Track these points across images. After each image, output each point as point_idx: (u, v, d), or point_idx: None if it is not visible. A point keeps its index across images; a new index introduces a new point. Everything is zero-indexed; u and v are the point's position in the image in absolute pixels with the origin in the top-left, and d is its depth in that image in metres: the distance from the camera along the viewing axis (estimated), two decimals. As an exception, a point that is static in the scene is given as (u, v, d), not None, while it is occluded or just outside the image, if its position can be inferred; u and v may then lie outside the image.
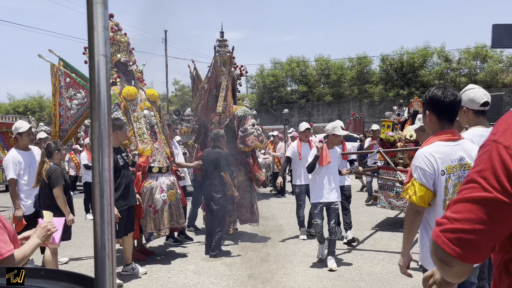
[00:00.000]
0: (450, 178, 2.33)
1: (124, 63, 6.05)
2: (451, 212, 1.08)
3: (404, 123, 8.61)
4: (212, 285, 4.73)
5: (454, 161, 2.35)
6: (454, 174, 2.34)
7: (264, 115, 28.66)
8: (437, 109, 2.36)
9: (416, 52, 26.29)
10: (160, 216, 5.69)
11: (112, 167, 0.86)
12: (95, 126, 0.83)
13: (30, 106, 35.01)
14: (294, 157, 6.72)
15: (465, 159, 2.37)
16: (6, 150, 8.75)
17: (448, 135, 2.37)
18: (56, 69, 5.90)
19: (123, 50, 6.13)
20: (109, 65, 0.85)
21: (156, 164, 5.80)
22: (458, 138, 2.40)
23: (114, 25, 6.14)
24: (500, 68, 24.85)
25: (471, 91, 2.94)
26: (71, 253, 6.18)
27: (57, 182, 4.64)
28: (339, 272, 5.04)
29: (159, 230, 5.70)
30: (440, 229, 1.09)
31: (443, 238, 1.07)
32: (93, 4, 0.82)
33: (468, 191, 1.06)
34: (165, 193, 5.74)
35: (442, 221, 1.10)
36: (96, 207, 0.84)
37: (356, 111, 24.91)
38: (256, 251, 6.08)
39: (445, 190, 2.32)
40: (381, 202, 7.12)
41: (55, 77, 5.85)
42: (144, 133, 5.83)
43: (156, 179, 5.75)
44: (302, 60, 29.99)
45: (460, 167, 2.36)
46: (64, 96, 5.84)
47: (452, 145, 2.37)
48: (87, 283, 1.18)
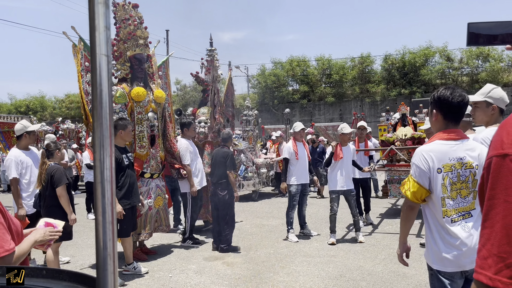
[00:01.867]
0: (447, 176, 2.35)
1: (139, 59, 5.89)
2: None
3: (395, 125, 9.61)
4: (213, 285, 4.73)
5: (453, 160, 2.36)
6: (452, 172, 2.35)
7: (265, 114, 28.65)
8: (444, 109, 2.39)
9: (418, 52, 26.26)
10: (142, 221, 5.70)
11: (114, 166, 0.86)
12: (97, 125, 0.83)
13: (32, 106, 35.09)
14: (291, 157, 6.70)
15: (466, 158, 2.36)
16: (8, 150, 8.76)
17: (450, 134, 2.39)
18: (77, 50, 5.68)
19: (141, 45, 5.92)
20: (110, 64, 0.85)
21: (149, 170, 5.82)
22: (461, 138, 2.39)
23: (137, 17, 5.93)
24: (502, 67, 24.80)
25: (498, 89, 2.91)
26: (73, 253, 6.20)
27: (60, 181, 4.64)
28: (341, 272, 5.04)
29: (139, 234, 5.70)
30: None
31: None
32: (94, 4, 0.82)
33: None
34: (152, 200, 5.78)
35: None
36: (97, 207, 0.84)
37: (358, 110, 24.87)
38: (258, 251, 6.08)
39: (443, 187, 2.35)
40: (392, 193, 8.21)
41: (76, 58, 5.71)
42: (144, 136, 5.81)
43: (145, 185, 5.77)
44: (303, 60, 29.97)
45: (460, 165, 2.35)
46: (84, 80, 5.65)
47: (452, 144, 2.38)
48: (89, 283, 1.18)
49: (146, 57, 6.03)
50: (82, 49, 5.69)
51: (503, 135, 1.00)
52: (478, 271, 0.96)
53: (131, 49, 5.87)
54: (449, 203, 2.35)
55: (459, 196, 2.36)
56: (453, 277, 2.35)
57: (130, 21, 5.86)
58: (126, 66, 5.87)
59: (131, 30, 5.86)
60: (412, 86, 25.82)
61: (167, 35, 27.84)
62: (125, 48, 5.87)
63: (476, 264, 0.99)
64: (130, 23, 5.86)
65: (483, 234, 0.99)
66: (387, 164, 8.42)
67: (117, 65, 5.88)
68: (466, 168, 2.36)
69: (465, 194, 2.36)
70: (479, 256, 0.98)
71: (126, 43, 5.86)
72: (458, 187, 2.36)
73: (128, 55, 5.88)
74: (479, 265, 0.97)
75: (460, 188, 2.37)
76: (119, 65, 5.88)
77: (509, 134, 0.98)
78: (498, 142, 1.01)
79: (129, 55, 5.88)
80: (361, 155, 7.98)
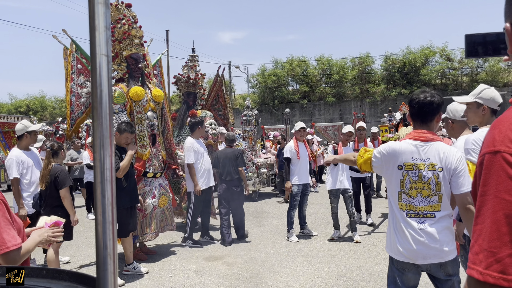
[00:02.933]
0: (407, 174, 2.49)
1: (135, 59, 5.89)
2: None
3: (397, 126, 9.44)
4: (213, 285, 4.73)
5: (416, 160, 2.48)
6: (413, 171, 2.48)
7: (265, 114, 28.65)
8: (410, 109, 2.60)
9: (419, 52, 26.26)
10: (147, 221, 5.70)
11: (114, 167, 0.86)
12: (97, 125, 0.83)
13: (32, 106, 35.06)
14: (293, 157, 6.69)
15: (429, 160, 2.47)
16: (8, 150, 8.75)
17: (418, 134, 2.52)
18: (69, 52, 5.68)
19: (136, 45, 5.92)
20: (110, 64, 0.85)
21: (152, 169, 5.80)
22: (429, 140, 2.49)
23: (131, 17, 5.92)
24: (501, 67, 24.79)
25: (490, 90, 2.92)
26: (73, 253, 6.19)
27: (64, 182, 4.63)
28: (341, 272, 5.04)
29: (144, 234, 5.70)
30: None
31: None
32: (94, 4, 0.82)
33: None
34: (156, 199, 5.76)
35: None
36: (97, 207, 0.84)
37: (358, 110, 24.87)
38: (258, 251, 6.08)
39: (401, 183, 2.51)
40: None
41: (67, 61, 5.65)
42: (145, 136, 5.79)
43: (149, 184, 5.76)
44: (303, 60, 29.97)
45: (423, 166, 2.47)
46: (75, 83, 5.65)
47: (418, 144, 2.50)
48: (89, 283, 1.18)
49: (142, 57, 6.02)
50: (74, 52, 5.70)
51: (495, 133, 1.02)
52: (471, 267, 0.98)
53: (127, 48, 5.86)
54: (405, 198, 2.49)
55: (419, 195, 2.47)
56: (404, 268, 2.52)
57: (124, 20, 5.85)
58: (122, 66, 5.87)
59: (126, 30, 5.85)
60: (412, 86, 25.80)
61: (167, 35, 27.77)
62: (121, 48, 5.86)
63: (469, 259, 1.01)
64: (125, 22, 5.84)
65: (475, 230, 1.00)
66: None
67: (114, 66, 5.86)
68: (429, 170, 2.46)
69: (427, 195, 2.46)
70: (472, 252, 1.00)
71: (122, 43, 5.85)
72: (419, 187, 2.47)
73: (124, 55, 5.87)
74: (471, 261, 0.99)
75: (422, 187, 2.47)
76: (115, 65, 5.87)
77: (501, 132, 0.99)
78: (490, 140, 1.02)
79: (126, 55, 5.87)
80: None
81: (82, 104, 5.72)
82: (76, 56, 5.68)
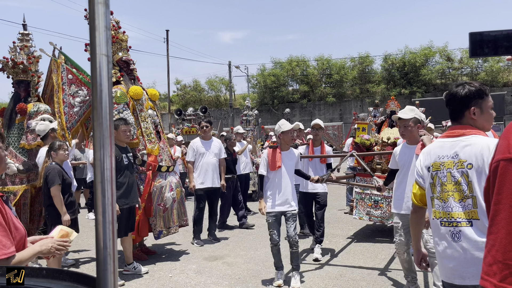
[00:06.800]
0: (437, 175, 2.17)
1: (126, 62, 5.98)
2: None
3: (381, 125, 7.42)
4: (213, 285, 4.73)
5: (443, 158, 2.15)
6: (441, 172, 2.14)
7: (265, 114, 28.66)
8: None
9: (419, 52, 26.27)
10: (169, 214, 5.77)
11: (114, 167, 0.86)
12: (97, 125, 0.83)
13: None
14: None
15: (458, 157, 2.09)
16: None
17: (448, 132, 2.22)
18: (58, 65, 5.71)
19: (124, 48, 6.06)
20: (110, 64, 0.85)
21: (164, 163, 5.87)
22: (461, 135, 2.12)
23: (115, 22, 6.04)
24: (501, 67, 24.81)
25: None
26: (73, 253, 6.19)
27: (53, 181, 4.62)
28: (341, 272, 5.04)
29: (169, 228, 5.78)
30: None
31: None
32: (94, 4, 0.82)
33: None
34: (174, 192, 5.82)
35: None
36: (98, 207, 0.84)
37: (358, 110, 24.87)
38: (258, 251, 6.08)
39: (432, 187, 2.20)
40: (358, 212, 6.29)
41: (57, 73, 5.70)
42: (151, 132, 5.88)
43: (165, 178, 5.82)
44: (303, 60, 29.97)
45: (452, 164, 2.11)
46: (67, 93, 5.66)
47: (447, 141, 2.18)
48: (89, 283, 1.18)
49: (131, 60, 6.15)
50: (64, 62, 5.73)
51: (510, 138, 0.98)
52: (484, 278, 0.95)
53: (116, 53, 5.96)
54: (437, 204, 2.15)
55: (451, 199, 2.09)
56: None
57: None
58: (115, 70, 5.95)
59: (113, 34, 5.91)
60: (412, 86, 25.82)
61: (167, 35, 27.80)
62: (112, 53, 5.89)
63: (482, 270, 0.97)
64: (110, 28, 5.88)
65: (489, 240, 0.97)
66: (358, 173, 6.50)
67: None
68: (458, 168, 2.09)
69: (459, 198, 2.07)
70: (485, 262, 0.97)
71: (112, 48, 5.89)
72: (450, 189, 2.10)
73: (115, 59, 5.95)
74: (485, 272, 0.96)
75: (453, 190, 2.09)
76: None
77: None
78: (504, 146, 0.99)
79: (117, 59, 5.95)
80: (316, 163, 5.94)
81: (76, 114, 5.72)
82: (65, 66, 5.70)
